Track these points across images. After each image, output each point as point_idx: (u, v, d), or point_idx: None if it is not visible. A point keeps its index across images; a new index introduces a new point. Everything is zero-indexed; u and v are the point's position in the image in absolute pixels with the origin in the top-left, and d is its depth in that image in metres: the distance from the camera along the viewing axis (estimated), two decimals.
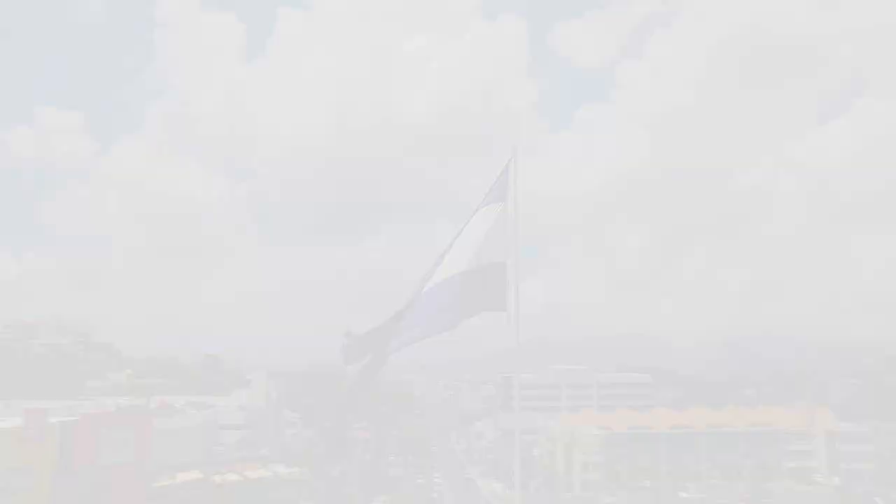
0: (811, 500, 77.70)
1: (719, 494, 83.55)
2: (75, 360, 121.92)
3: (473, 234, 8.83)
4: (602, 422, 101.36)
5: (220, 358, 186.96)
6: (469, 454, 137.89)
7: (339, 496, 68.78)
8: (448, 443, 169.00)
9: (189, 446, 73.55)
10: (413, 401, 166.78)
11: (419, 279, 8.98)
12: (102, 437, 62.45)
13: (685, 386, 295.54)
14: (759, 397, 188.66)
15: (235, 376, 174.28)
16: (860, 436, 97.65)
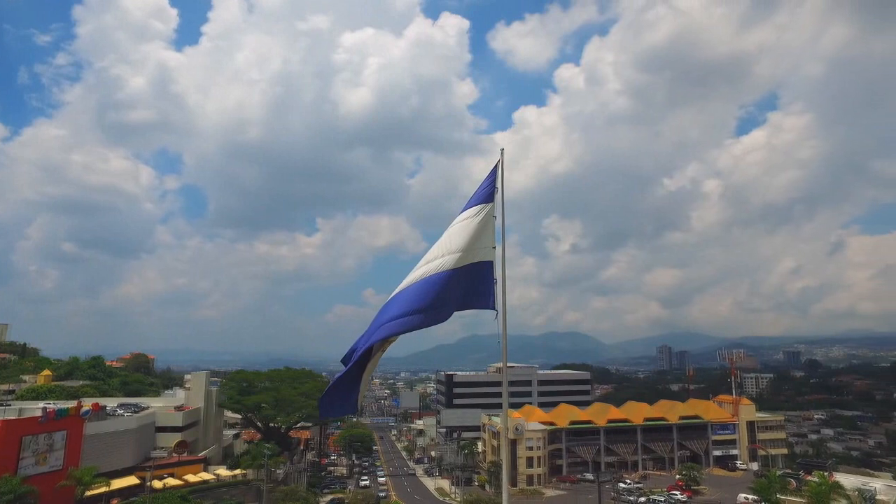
0: (734, 485, 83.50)
1: (654, 483, 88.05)
2: None
3: (461, 234, 9.05)
4: (544, 417, 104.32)
5: (147, 357, 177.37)
6: (411, 452, 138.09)
7: (285, 497, 66.86)
8: (389, 440, 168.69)
9: (124, 451, 69.47)
10: None
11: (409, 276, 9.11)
12: (26, 445, 57.91)
13: (616, 382, 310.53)
14: (685, 392, 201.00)
15: (167, 377, 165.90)
16: (774, 424, 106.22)
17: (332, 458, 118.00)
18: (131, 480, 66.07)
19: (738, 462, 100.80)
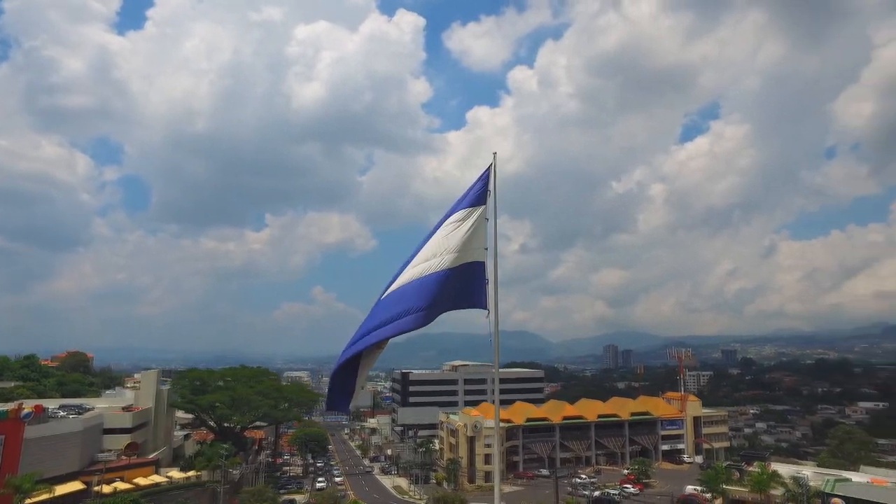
0: (681, 478, 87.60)
1: (607, 478, 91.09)
2: None
3: (455, 235, 9.27)
4: (501, 415, 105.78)
5: (85, 356, 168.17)
6: (365, 450, 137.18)
7: (252, 498, 65.13)
8: (341, 439, 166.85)
9: (68, 455, 65.83)
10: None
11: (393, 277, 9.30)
12: None
13: (564, 380, 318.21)
14: (631, 390, 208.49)
15: (107, 376, 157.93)
16: (718, 419, 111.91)
17: (286, 457, 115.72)
18: (76, 486, 62.74)
19: (685, 456, 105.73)
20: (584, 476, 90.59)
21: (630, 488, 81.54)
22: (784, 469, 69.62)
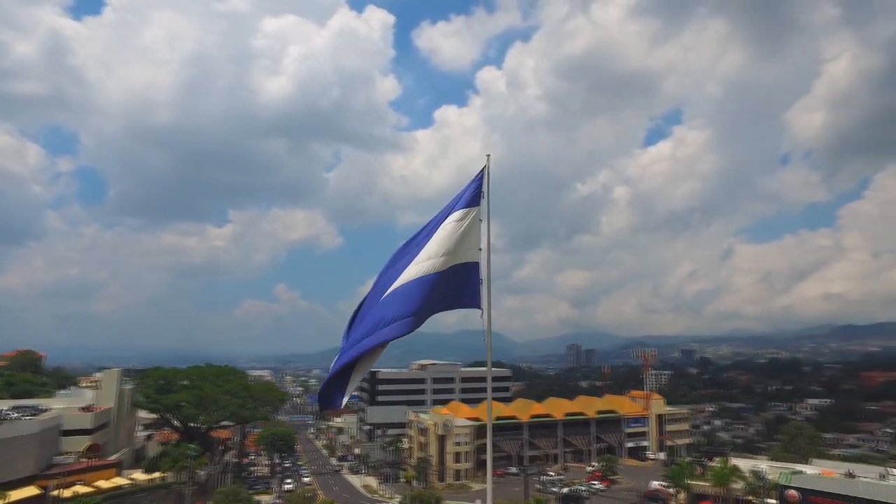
0: (646, 474, 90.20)
1: (575, 475, 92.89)
2: None
3: (451, 237, 9.42)
4: (471, 413, 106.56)
5: (36, 355, 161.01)
6: (332, 450, 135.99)
7: (226, 499, 63.71)
8: (307, 439, 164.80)
9: (24, 458, 63.04)
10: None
11: (387, 277, 9.45)
12: None
13: (528, 379, 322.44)
14: (594, 389, 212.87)
15: (60, 375, 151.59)
16: (680, 416, 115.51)
17: (251, 457, 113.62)
18: (32, 491, 60.21)
19: (649, 452, 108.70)
20: (552, 473, 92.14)
21: (597, 485, 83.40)
22: (742, 464, 72.53)
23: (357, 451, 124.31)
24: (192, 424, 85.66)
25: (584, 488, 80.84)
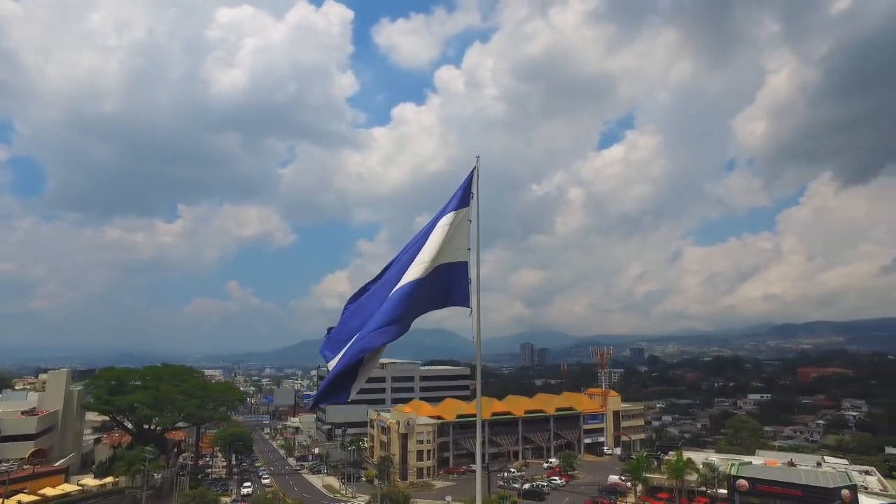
0: (603, 469, 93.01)
1: (535, 471, 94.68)
2: None
3: (438, 240, 9.52)
4: (432, 412, 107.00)
5: None
6: (290, 450, 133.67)
7: (193, 500, 61.61)
8: (262, 439, 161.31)
9: None
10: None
11: (386, 279, 9.55)
12: None
13: (482, 378, 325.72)
14: (548, 387, 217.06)
15: None
16: (636, 413, 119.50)
17: (207, 459, 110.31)
18: None
19: (605, 448, 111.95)
20: (513, 470, 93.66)
21: (557, 480, 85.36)
22: (694, 457, 75.92)
23: (316, 450, 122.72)
24: (146, 426, 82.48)
25: (545, 484, 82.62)
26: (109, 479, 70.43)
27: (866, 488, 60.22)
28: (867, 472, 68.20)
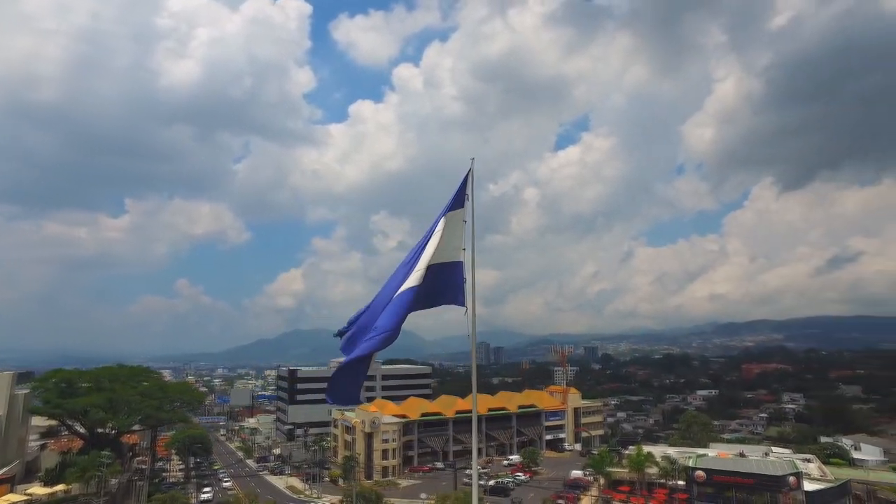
0: (565, 464, 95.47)
1: (499, 468, 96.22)
2: None
3: (435, 243, 9.80)
4: (396, 410, 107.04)
5: None
6: (249, 451, 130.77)
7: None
8: (218, 440, 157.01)
9: None
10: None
11: (390, 282, 9.80)
12: None
13: (439, 377, 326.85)
14: (503, 385, 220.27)
15: None
16: (595, 409, 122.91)
17: (161, 462, 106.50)
18: None
19: (566, 444, 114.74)
20: (477, 467, 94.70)
21: (521, 476, 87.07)
22: (651, 451, 78.96)
23: (277, 451, 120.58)
24: (100, 430, 79.06)
25: (509, 480, 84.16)
26: (61, 487, 67.16)
27: (808, 475, 64.23)
28: (808, 460, 72.86)
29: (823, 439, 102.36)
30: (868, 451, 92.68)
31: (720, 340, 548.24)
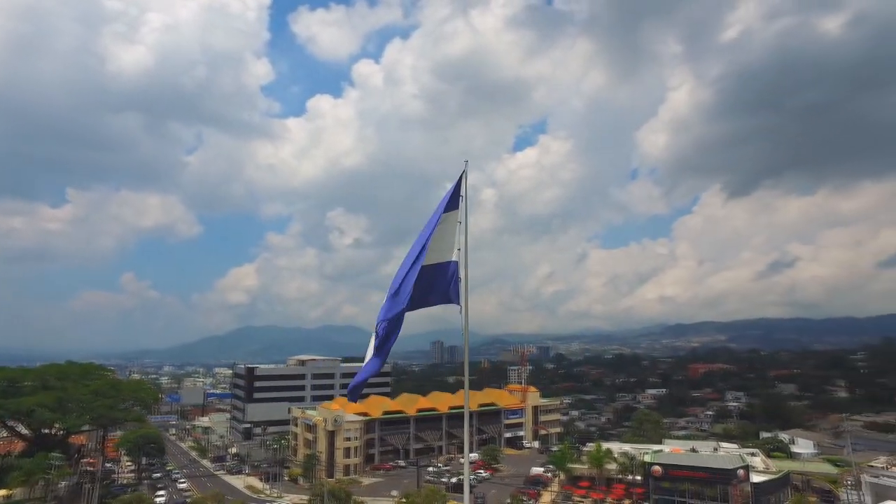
0: (524, 461, 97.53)
1: (459, 465, 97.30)
2: None
3: (439, 235, 10.12)
4: (358, 409, 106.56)
5: None
6: (203, 451, 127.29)
7: None
8: (168, 440, 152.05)
9: None
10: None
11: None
12: None
13: (394, 375, 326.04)
14: (459, 384, 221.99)
15: None
16: (553, 408, 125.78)
17: (110, 464, 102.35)
18: None
19: (525, 442, 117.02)
20: (439, 465, 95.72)
21: (483, 473, 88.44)
22: (609, 447, 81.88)
23: (234, 450, 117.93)
24: (46, 430, 75.41)
25: (471, 477, 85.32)
26: (2, 493, 63.88)
27: (754, 468, 68.29)
28: (753, 454, 77.38)
29: (764, 435, 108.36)
30: (803, 445, 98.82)
31: (668, 341, 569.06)
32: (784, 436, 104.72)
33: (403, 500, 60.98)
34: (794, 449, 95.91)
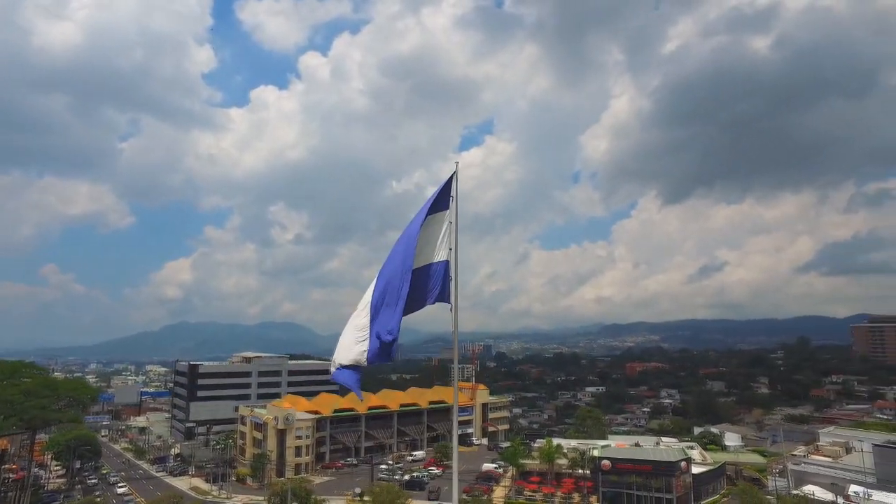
0: (474, 458, 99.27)
1: (411, 462, 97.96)
2: None
3: (424, 238, 10.44)
4: (308, 406, 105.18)
5: None
6: (141, 452, 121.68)
7: None
8: (103, 442, 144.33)
9: None
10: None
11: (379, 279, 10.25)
12: None
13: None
14: (402, 381, 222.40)
15: None
16: (501, 405, 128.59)
17: (37, 469, 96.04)
18: None
19: (474, 439, 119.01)
20: (391, 462, 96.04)
21: (434, 470, 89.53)
22: (559, 443, 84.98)
23: (176, 451, 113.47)
24: None
25: (424, 474, 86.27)
26: None
27: (694, 460, 72.91)
28: (691, 447, 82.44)
29: (697, 429, 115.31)
30: (731, 438, 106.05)
31: (605, 341, 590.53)
32: (714, 430, 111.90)
33: (366, 498, 61.05)
34: (725, 442, 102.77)
